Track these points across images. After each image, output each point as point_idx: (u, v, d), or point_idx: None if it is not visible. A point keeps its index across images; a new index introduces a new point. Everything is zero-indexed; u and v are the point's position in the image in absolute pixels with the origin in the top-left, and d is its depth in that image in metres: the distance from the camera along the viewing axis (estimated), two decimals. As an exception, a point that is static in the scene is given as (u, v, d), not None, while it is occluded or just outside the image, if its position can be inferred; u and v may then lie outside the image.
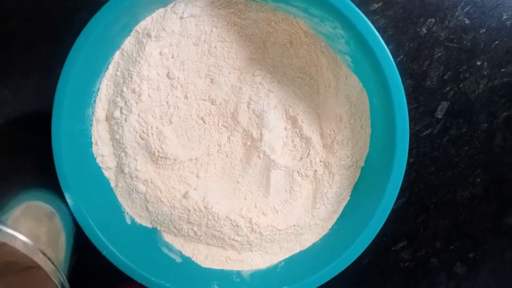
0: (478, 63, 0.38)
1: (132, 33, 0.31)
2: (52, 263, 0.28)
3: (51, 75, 0.37)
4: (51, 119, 0.29)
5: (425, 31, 0.36)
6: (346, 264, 0.33)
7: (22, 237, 0.26)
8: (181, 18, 0.31)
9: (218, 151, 0.35)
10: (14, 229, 0.26)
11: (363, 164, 0.34)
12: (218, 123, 0.35)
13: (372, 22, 0.33)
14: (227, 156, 0.36)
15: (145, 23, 0.31)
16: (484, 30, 0.37)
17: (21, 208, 0.29)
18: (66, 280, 0.29)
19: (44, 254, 0.27)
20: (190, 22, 0.32)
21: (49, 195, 0.31)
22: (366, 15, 0.32)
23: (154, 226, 0.35)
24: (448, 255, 0.42)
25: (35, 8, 0.36)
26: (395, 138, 0.30)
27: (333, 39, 0.31)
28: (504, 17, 0.37)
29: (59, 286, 0.28)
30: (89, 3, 0.36)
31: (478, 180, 0.41)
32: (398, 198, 0.40)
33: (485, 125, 0.39)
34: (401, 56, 0.37)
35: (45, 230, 0.30)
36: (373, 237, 0.32)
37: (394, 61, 0.33)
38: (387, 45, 0.32)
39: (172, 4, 0.31)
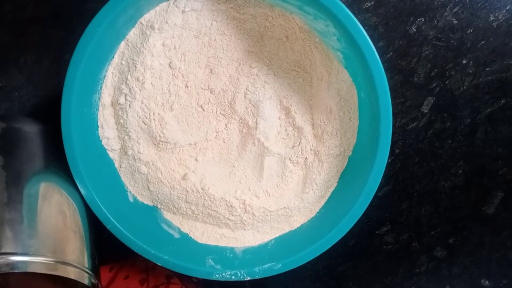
0: (464, 61, 0.40)
1: (136, 25, 0.33)
2: (81, 268, 0.30)
3: (61, 61, 0.39)
4: (61, 103, 0.32)
5: (415, 30, 0.38)
6: (330, 244, 0.35)
7: (45, 259, 0.29)
8: (183, 12, 0.33)
9: (215, 137, 0.38)
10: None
11: (350, 153, 0.37)
12: (216, 111, 0.37)
13: (364, 20, 0.35)
14: (224, 142, 0.38)
15: (149, 16, 0.33)
16: (471, 30, 0.39)
17: (42, 193, 0.31)
18: (94, 277, 0.32)
19: (71, 265, 0.30)
20: (191, 16, 0.34)
21: (61, 179, 0.34)
22: (358, 13, 0.34)
23: (155, 205, 0.38)
24: (429, 239, 0.45)
25: (48, 1, 0.38)
26: (379, 130, 0.33)
27: (326, 35, 0.34)
28: (491, 18, 0.39)
29: (88, 284, 0.31)
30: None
31: (460, 171, 0.43)
32: (383, 186, 0.43)
33: (468, 120, 0.41)
34: (391, 53, 0.38)
35: (67, 221, 0.32)
36: (357, 219, 0.35)
37: (384, 57, 0.35)
38: (378, 42, 0.34)
39: (175, -2, 0.33)
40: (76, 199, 0.34)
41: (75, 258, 0.31)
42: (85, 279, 0.31)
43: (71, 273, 0.30)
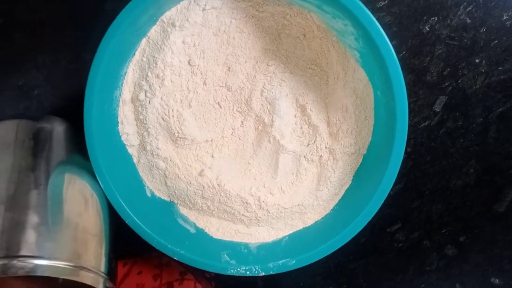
0: (477, 60, 0.40)
1: (158, 23, 0.34)
2: (97, 273, 0.31)
3: (79, 61, 0.40)
4: (84, 100, 0.32)
5: (428, 29, 0.39)
6: (344, 241, 0.36)
7: (63, 264, 0.29)
8: (204, 9, 0.34)
9: (232, 134, 0.38)
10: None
11: (365, 152, 0.37)
12: (233, 108, 0.38)
13: (378, 19, 0.36)
14: (240, 139, 0.39)
15: (170, 14, 0.34)
16: (484, 29, 0.39)
17: (65, 196, 0.32)
18: (109, 280, 0.32)
19: (88, 270, 0.31)
20: (211, 14, 0.34)
21: (83, 178, 0.34)
22: (373, 12, 0.35)
23: (171, 200, 0.39)
24: (440, 237, 0.46)
25: (64, 2, 0.39)
26: (395, 129, 0.33)
27: (344, 34, 0.34)
28: (504, 17, 0.39)
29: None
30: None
31: (471, 170, 0.44)
32: (395, 184, 0.44)
33: (480, 119, 0.42)
34: (404, 52, 0.39)
35: (90, 213, 0.33)
36: (370, 218, 0.36)
37: (397, 56, 0.35)
38: (391, 41, 0.34)
39: (195, -3, 0.34)
40: (100, 198, 0.34)
41: (92, 263, 0.32)
42: (99, 284, 0.31)
43: (87, 279, 0.31)
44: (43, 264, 0.28)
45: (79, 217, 0.32)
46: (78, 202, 0.33)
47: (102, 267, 0.33)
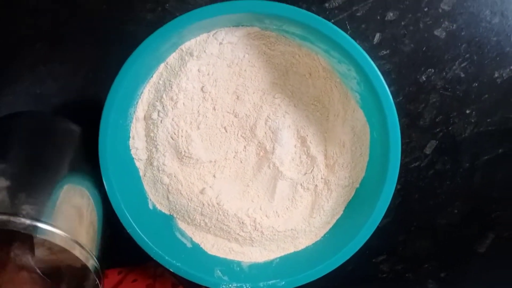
0: (468, 111, 0.43)
1: (177, 50, 0.37)
2: (89, 254, 0.33)
3: (95, 77, 0.42)
4: (102, 115, 0.35)
5: (424, 79, 0.42)
6: (332, 268, 0.38)
7: (61, 232, 0.31)
8: (220, 43, 0.37)
9: (234, 157, 0.41)
10: (55, 220, 0.31)
11: (358, 186, 0.40)
12: (237, 134, 0.40)
13: (379, 66, 0.39)
14: (241, 162, 0.41)
15: (190, 44, 0.37)
16: (476, 84, 0.43)
17: (63, 192, 0.34)
18: (98, 265, 0.34)
19: (80, 245, 0.33)
20: (227, 47, 0.37)
21: (84, 180, 0.37)
22: (375, 59, 0.38)
23: (171, 214, 0.41)
24: (422, 272, 0.48)
25: (88, 17, 0.41)
26: (387, 168, 0.36)
27: (347, 77, 0.37)
28: (496, 75, 0.43)
29: (92, 270, 0.33)
30: (136, 18, 0.42)
31: (456, 211, 0.46)
32: (384, 218, 0.46)
33: (467, 164, 0.45)
34: (401, 98, 0.42)
35: (83, 213, 0.35)
36: (358, 248, 0.38)
37: (394, 101, 0.38)
38: (390, 87, 0.37)
39: (214, 31, 0.36)
40: (96, 199, 0.37)
41: (86, 243, 0.33)
42: (89, 262, 0.33)
43: (82, 255, 0.32)
44: (46, 228, 0.30)
45: (75, 209, 0.34)
46: (76, 198, 0.35)
47: (94, 251, 0.34)
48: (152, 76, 0.38)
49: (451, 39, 0.41)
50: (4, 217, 0.29)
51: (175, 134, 0.38)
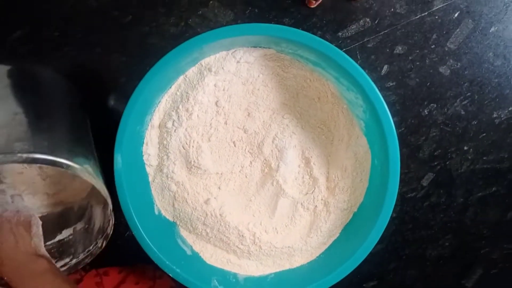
0: (465, 148, 0.45)
1: (197, 65, 0.39)
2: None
3: (117, 81, 0.44)
4: (121, 119, 0.37)
5: (426, 113, 0.44)
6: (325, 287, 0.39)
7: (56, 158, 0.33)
8: (238, 62, 0.39)
9: (240, 171, 0.43)
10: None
11: (355, 210, 0.42)
12: (245, 149, 0.42)
13: (385, 97, 0.41)
14: (246, 177, 0.43)
15: (209, 60, 0.39)
16: (475, 122, 0.45)
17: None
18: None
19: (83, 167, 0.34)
20: (243, 66, 0.39)
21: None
22: (381, 89, 0.40)
23: (175, 221, 0.42)
24: (410, 301, 0.49)
25: (114, 27, 0.43)
26: (385, 195, 0.37)
27: (354, 105, 0.39)
28: (494, 115, 0.45)
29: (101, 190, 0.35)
30: (160, 31, 0.44)
31: (447, 243, 0.48)
32: (377, 244, 0.48)
33: (461, 199, 0.46)
34: (403, 128, 0.44)
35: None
36: (351, 270, 0.39)
37: (396, 131, 0.40)
38: (393, 117, 0.39)
39: (233, 50, 0.39)
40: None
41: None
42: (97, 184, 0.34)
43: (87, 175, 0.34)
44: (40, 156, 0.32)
45: None
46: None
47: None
48: (171, 87, 0.39)
49: (455, 77, 0.43)
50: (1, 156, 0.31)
51: (186, 144, 0.40)
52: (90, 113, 0.43)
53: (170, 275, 0.38)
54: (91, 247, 0.39)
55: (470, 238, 0.48)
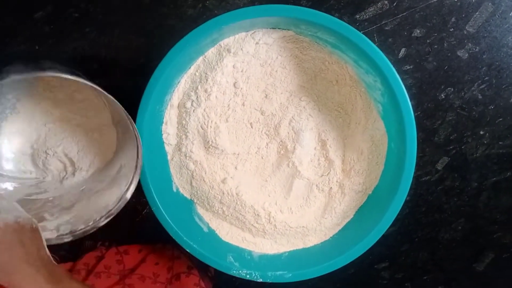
0: (481, 132, 0.45)
1: (216, 46, 0.39)
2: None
3: (135, 63, 0.44)
4: (141, 99, 0.37)
5: (443, 97, 0.44)
6: (337, 267, 0.40)
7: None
8: (257, 43, 0.39)
9: (256, 152, 0.43)
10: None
11: (370, 193, 0.42)
12: (262, 130, 0.43)
13: (402, 80, 0.41)
14: (262, 158, 0.43)
15: (228, 41, 0.39)
16: (492, 107, 0.45)
17: None
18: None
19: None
20: (262, 48, 0.40)
21: None
22: (398, 72, 0.40)
23: (192, 199, 0.43)
24: (421, 283, 0.50)
25: (134, 9, 0.44)
26: (400, 179, 0.38)
27: (372, 88, 0.39)
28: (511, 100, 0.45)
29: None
30: (178, 13, 0.44)
31: (460, 227, 0.48)
32: (390, 226, 0.48)
33: (476, 184, 0.47)
34: (419, 112, 0.44)
35: None
36: (363, 251, 0.40)
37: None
38: (410, 101, 0.39)
39: (252, 31, 0.39)
40: None
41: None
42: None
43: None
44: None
45: None
46: None
47: None
48: (190, 68, 0.40)
49: (473, 61, 0.43)
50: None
51: (205, 124, 0.41)
52: (110, 93, 0.44)
53: (188, 250, 0.39)
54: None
55: (483, 222, 0.48)
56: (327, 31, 0.37)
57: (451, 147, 0.46)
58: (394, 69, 0.35)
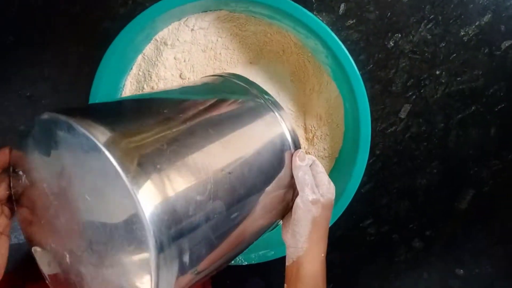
0: (437, 72, 0.45)
1: (152, 41, 0.38)
2: None
3: (81, 73, 0.43)
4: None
5: (392, 44, 0.43)
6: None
7: None
8: (192, 30, 0.38)
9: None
10: None
11: (337, 156, 0.42)
12: (219, 116, 0.42)
13: (347, 36, 0.40)
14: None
15: (163, 34, 0.38)
16: (443, 44, 0.44)
17: None
18: None
19: None
20: (199, 33, 0.39)
21: None
22: (342, 29, 0.39)
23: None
24: (407, 232, 0.51)
25: (64, 20, 0.42)
26: (359, 136, 0.38)
27: (317, 52, 0.39)
28: (462, 33, 0.44)
29: None
30: (111, 15, 0.42)
31: (435, 170, 0.49)
32: (366, 184, 0.49)
33: (442, 125, 0.47)
34: (371, 65, 0.44)
35: None
36: (341, 212, 0.40)
37: (365, 69, 0.40)
38: (359, 56, 0.38)
39: (185, 19, 0.38)
40: None
41: None
42: None
43: None
44: None
45: None
46: None
47: None
48: (132, 68, 0.39)
49: (415, 2, 0.42)
50: None
51: (158, 121, 0.40)
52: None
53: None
54: None
55: (457, 161, 0.48)
56: (257, 3, 0.36)
57: (410, 93, 0.45)
58: (327, 28, 0.34)
